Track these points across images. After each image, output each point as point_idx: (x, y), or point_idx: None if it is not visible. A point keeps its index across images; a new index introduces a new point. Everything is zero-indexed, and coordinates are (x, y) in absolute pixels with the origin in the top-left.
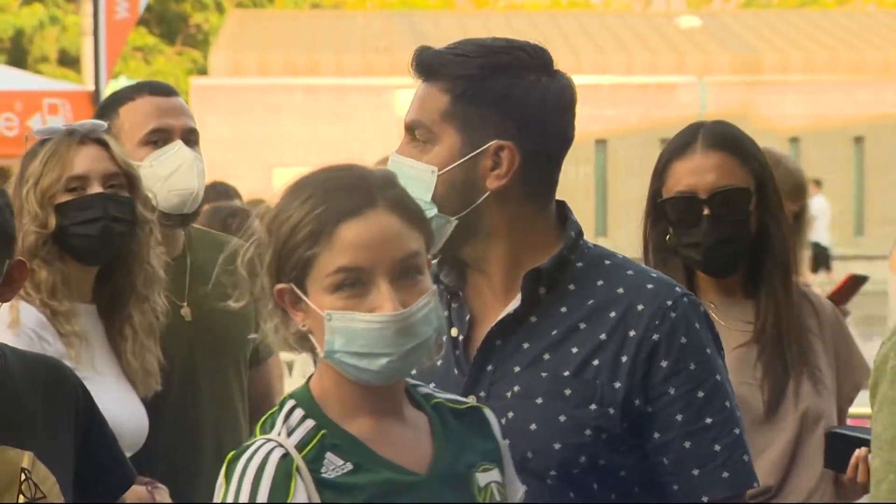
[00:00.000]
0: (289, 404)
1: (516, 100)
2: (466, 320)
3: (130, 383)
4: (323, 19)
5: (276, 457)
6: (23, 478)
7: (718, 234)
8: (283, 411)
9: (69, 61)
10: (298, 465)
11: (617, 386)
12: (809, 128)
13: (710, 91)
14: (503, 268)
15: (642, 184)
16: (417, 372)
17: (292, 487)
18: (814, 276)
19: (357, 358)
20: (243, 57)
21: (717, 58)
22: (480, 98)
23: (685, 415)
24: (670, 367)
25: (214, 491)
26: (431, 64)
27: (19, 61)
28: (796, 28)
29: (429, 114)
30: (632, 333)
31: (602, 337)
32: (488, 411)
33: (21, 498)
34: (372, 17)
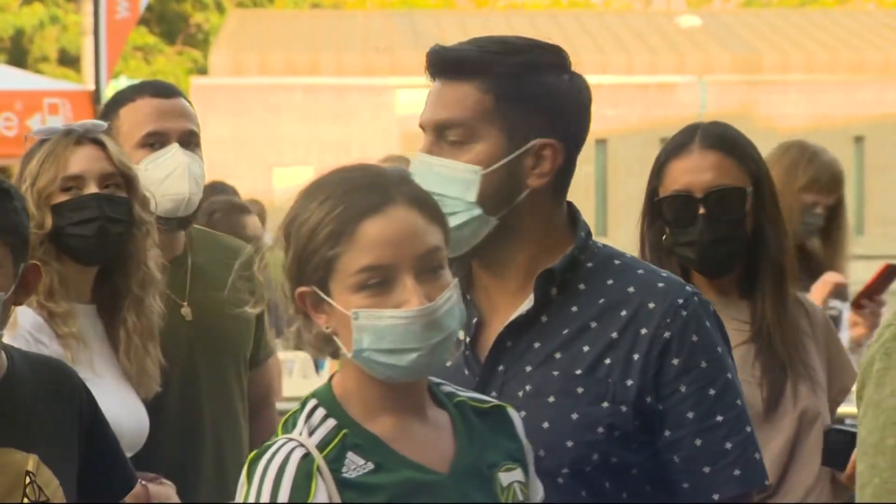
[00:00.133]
0: (310, 403)
1: (556, 98)
2: (473, 322)
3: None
4: (323, 19)
5: (297, 457)
6: (27, 481)
7: (714, 233)
8: (304, 410)
9: (69, 61)
10: (319, 465)
11: (629, 383)
12: (809, 127)
13: (711, 91)
14: (523, 269)
15: (642, 183)
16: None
17: (313, 487)
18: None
19: (386, 355)
20: (243, 57)
21: (718, 57)
22: (523, 96)
23: (696, 412)
24: (682, 364)
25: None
26: (461, 62)
27: (19, 61)
28: (796, 27)
29: (468, 112)
30: (643, 331)
31: (613, 335)
32: (512, 410)
33: (25, 500)
34: (372, 16)
